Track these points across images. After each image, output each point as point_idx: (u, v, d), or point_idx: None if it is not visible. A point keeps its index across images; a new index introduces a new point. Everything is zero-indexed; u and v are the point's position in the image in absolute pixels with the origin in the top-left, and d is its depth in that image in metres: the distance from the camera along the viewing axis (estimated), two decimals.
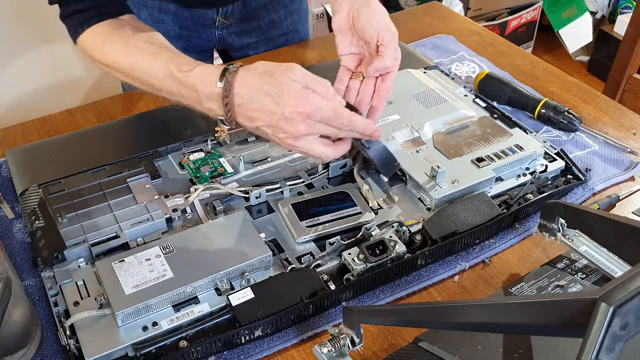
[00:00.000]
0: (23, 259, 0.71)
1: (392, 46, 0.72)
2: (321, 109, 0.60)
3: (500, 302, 0.47)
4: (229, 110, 0.62)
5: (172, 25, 1.01)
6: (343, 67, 0.75)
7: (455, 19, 1.22)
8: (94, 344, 0.59)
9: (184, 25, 1.01)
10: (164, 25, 1.00)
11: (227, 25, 1.04)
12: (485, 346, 0.58)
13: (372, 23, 0.71)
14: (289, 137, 0.61)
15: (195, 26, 1.02)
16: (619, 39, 2.05)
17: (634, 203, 0.79)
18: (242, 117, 0.63)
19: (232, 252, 0.66)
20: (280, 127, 0.61)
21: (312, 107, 0.60)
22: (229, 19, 1.03)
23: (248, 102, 0.62)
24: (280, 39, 1.11)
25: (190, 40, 1.04)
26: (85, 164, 0.80)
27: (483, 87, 0.94)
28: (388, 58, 0.71)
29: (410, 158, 0.79)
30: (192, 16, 1.01)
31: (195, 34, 1.03)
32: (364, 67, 0.74)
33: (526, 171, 0.79)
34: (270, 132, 0.63)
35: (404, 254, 0.68)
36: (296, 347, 0.63)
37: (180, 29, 1.02)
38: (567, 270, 0.68)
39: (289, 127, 0.61)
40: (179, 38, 1.02)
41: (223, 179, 0.78)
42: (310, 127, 0.61)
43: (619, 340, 0.37)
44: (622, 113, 0.94)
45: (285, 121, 0.60)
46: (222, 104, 0.62)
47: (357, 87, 0.74)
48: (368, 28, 0.71)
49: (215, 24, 1.03)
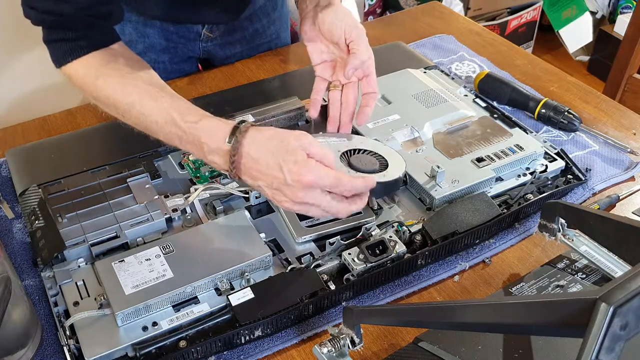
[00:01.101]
0: (23, 259, 0.71)
1: (363, 41, 0.72)
2: (323, 178, 0.61)
3: (500, 302, 0.47)
4: (234, 167, 0.63)
5: (158, 39, 1.00)
6: (318, 78, 0.75)
7: (455, 19, 1.22)
8: (94, 344, 0.59)
9: (170, 38, 1.01)
10: (149, 39, 0.99)
11: (212, 38, 1.03)
12: (485, 346, 0.58)
13: (337, 22, 0.72)
14: (287, 201, 0.62)
15: (180, 39, 1.01)
16: (619, 39, 2.05)
17: (634, 203, 0.79)
18: (246, 175, 0.64)
19: (232, 252, 0.66)
20: (280, 191, 0.62)
21: (315, 177, 0.60)
22: (214, 33, 1.02)
23: (254, 163, 0.62)
24: (263, 46, 1.10)
25: (176, 51, 1.03)
26: (85, 164, 0.80)
27: (483, 87, 0.94)
28: (361, 52, 0.71)
29: (410, 158, 0.79)
30: (177, 30, 1.00)
31: (180, 44, 1.02)
32: (340, 74, 0.74)
33: (526, 171, 0.79)
34: (269, 193, 0.63)
35: (404, 254, 0.68)
36: (296, 347, 0.63)
37: (167, 42, 1.01)
38: (567, 270, 0.68)
39: (289, 192, 0.61)
40: (165, 51, 1.02)
41: (223, 179, 0.78)
42: (309, 194, 0.61)
43: (619, 340, 0.37)
44: (622, 113, 0.94)
45: (286, 187, 0.61)
46: (228, 160, 0.63)
47: (338, 98, 0.74)
48: (334, 28, 0.72)
49: (200, 37, 1.02)
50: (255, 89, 0.97)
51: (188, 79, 1.02)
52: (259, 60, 1.08)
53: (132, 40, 0.99)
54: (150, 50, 1.00)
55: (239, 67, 1.06)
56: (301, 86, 0.95)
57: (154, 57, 1.01)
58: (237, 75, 1.04)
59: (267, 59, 1.09)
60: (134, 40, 0.99)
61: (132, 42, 0.99)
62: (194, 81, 1.02)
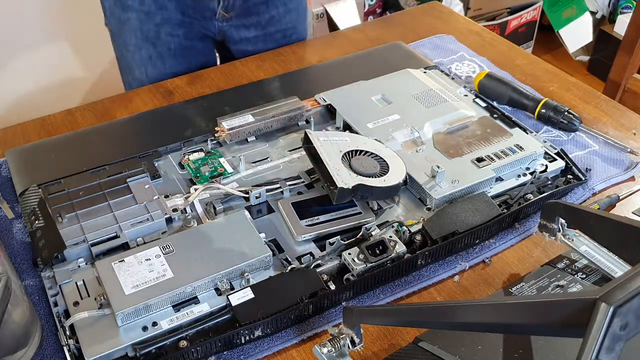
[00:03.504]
0: (23, 259, 0.71)
1: None
2: None
3: (500, 302, 0.47)
4: None
5: (175, 13, 1.03)
6: None
7: (455, 19, 1.22)
8: (94, 344, 0.59)
9: (186, 12, 1.04)
10: (167, 12, 1.03)
11: (227, 18, 1.06)
12: (485, 346, 0.58)
13: None
14: None
15: (196, 14, 1.05)
16: (619, 39, 2.05)
17: (634, 203, 0.79)
18: None
19: (232, 252, 0.66)
20: None
21: None
22: (229, 12, 1.05)
23: None
24: (278, 34, 1.12)
25: (192, 27, 1.06)
26: (85, 164, 0.80)
27: (483, 87, 0.94)
28: None
29: (410, 158, 0.79)
30: (195, 5, 1.03)
31: (196, 21, 1.06)
32: None
33: (526, 171, 0.79)
34: None
35: (404, 254, 0.68)
36: (296, 347, 0.63)
37: (182, 16, 1.04)
38: (567, 270, 0.68)
39: None
40: (181, 25, 1.05)
41: (223, 179, 0.78)
42: None
43: (619, 340, 0.37)
44: (622, 113, 0.94)
45: None
46: None
47: None
48: None
49: (216, 15, 1.05)
50: (255, 89, 0.98)
51: (188, 79, 1.03)
52: (259, 60, 1.08)
53: (150, 12, 1.03)
54: (167, 23, 1.04)
55: (239, 67, 1.06)
56: (301, 86, 0.96)
57: (169, 31, 1.05)
58: (237, 75, 1.04)
59: (267, 58, 1.09)
60: (152, 12, 1.03)
61: (150, 13, 1.03)
62: (194, 81, 1.02)
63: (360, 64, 1.02)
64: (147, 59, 1.08)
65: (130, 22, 1.05)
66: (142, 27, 1.05)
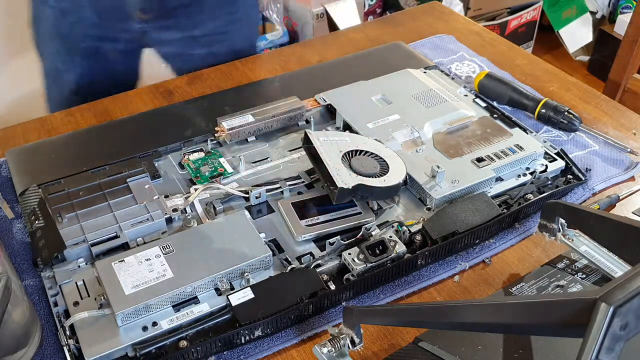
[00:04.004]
0: (23, 259, 0.71)
1: None
2: None
3: (500, 302, 0.47)
4: None
5: (91, 13, 1.00)
6: None
7: (455, 19, 1.22)
8: (94, 344, 0.59)
9: (102, 15, 1.00)
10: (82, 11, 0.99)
11: (145, 19, 1.02)
12: (485, 346, 0.58)
13: None
14: None
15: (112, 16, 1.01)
16: (619, 39, 2.05)
17: (634, 203, 0.79)
18: None
19: (232, 252, 0.66)
20: None
21: None
22: (147, 14, 1.01)
23: None
24: (204, 39, 1.08)
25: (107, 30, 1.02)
26: (85, 164, 0.80)
27: (483, 87, 0.94)
28: None
29: (410, 158, 0.79)
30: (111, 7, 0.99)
31: (113, 23, 1.01)
32: None
33: (526, 171, 0.79)
34: None
35: (404, 254, 0.68)
36: (296, 347, 0.63)
37: (99, 19, 1.00)
38: (567, 270, 0.68)
39: None
40: (97, 26, 1.01)
41: (223, 179, 0.78)
42: None
43: (619, 340, 0.37)
44: (622, 113, 0.94)
45: None
46: None
47: None
48: None
49: (133, 17, 1.01)
50: (255, 89, 0.98)
51: (188, 79, 1.03)
52: (259, 60, 1.08)
53: (65, 9, 0.99)
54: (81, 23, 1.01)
55: (239, 67, 1.06)
56: (301, 86, 0.95)
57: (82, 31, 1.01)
58: (237, 75, 1.04)
59: (267, 59, 1.09)
60: (67, 10, 0.99)
61: (65, 10, 1.00)
62: (194, 81, 1.02)
63: (360, 64, 1.02)
64: (56, 54, 1.06)
65: (47, 18, 1.02)
66: (56, 22, 1.02)
